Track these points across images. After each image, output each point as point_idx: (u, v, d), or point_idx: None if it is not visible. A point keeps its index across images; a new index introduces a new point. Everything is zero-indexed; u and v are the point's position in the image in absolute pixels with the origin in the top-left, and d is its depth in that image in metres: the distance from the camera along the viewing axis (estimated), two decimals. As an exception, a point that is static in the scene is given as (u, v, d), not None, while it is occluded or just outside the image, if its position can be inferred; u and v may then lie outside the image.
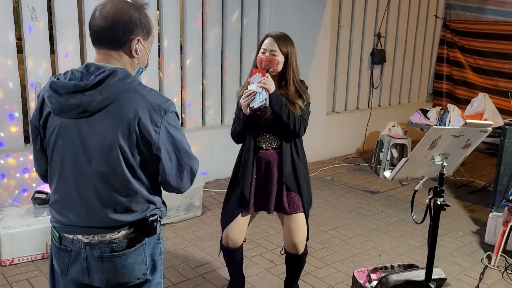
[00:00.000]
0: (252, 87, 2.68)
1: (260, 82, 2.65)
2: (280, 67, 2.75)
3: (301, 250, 2.92)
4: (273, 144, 2.83)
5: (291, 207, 2.85)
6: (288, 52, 2.75)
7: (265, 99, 2.66)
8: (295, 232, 2.88)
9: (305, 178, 2.90)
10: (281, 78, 2.79)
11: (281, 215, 2.94)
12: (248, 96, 2.67)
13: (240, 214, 2.89)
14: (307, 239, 2.99)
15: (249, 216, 2.95)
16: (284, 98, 2.74)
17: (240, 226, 2.92)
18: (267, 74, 2.68)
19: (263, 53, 2.74)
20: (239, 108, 2.82)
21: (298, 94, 2.81)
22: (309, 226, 2.97)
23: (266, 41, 2.76)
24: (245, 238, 3.02)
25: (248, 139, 2.82)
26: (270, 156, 2.83)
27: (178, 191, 1.82)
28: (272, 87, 2.68)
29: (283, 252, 3.09)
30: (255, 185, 2.86)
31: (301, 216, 2.88)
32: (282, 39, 2.76)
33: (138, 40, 1.75)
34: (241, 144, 2.93)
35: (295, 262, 3.04)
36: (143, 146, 1.70)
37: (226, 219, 2.93)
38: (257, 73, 2.68)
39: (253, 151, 2.82)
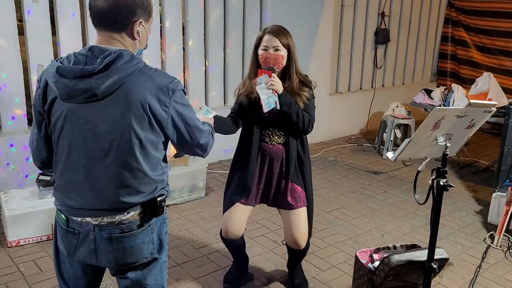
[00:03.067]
0: (260, 90, 2.63)
1: (268, 83, 2.61)
2: (284, 62, 2.71)
3: (302, 245, 2.91)
4: (278, 140, 2.82)
5: (295, 202, 2.85)
6: (289, 44, 2.71)
7: (275, 101, 2.62)
8: (296, 227, 2.86)
9: (309, 173, 2.92)
10: (284, 72, 2.75)
11: (283, 211, 2.92)
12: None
13: (240, 204, 2.88)
14: (310, 235, 2.98)
15: (250, 208, 2.94)
16: (289, 90, 2.71)
17: (241, 218, 2.91)
18: (273, 74, 2.64)
19: (265, 50, 2.69)
20: (247, 98, 2.79)
21: (302, 84, 2.78)
22: (313, 223, 3.00)
23: (265, 38, 2.70)
24: (245, 228, 3.03)
25: (254, 134, 2.80)
26: (275, 151, 2.82)
27: (201, 156, 1.97)
28: (280, 87, 2.64)
29: (284, 242, 3.07)
30: (258, 177, 2.86)
31: (303, 210, 2.88)
32: (281, 33, 2.70)
33: (140, 22, 1.75)
34: (242, 133, 2.91)
35: (296, 256, 3.07)
36: (155, 126, 1.72)
37: (226, 206, 2.93)
38: (263, 74, 2.62)
39: (258, 145, 2.82)
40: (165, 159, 1.87)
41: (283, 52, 2.69)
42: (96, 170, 1.73)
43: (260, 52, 2.71)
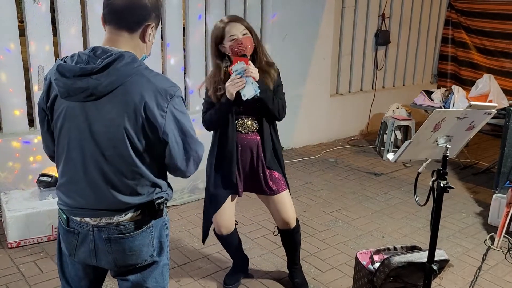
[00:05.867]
0: (236, 76, 2.59)
1: (246, 71, 2.58)
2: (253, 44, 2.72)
3: (293, 224, 2.98)
4: (252, 128, 2.81)
5: (276, 187, 2.88)
6: (250, 26, 2.73)
7: (255, 88, 2.60)
8: (285, 208, 2.93)
9: (282, 156, 2.95)
10: (251, 54, 2.74)
11: (265, 197, 2.95)
12: (238, 82, 2.58)
13: (227, 200, 2.90)
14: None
15: (235, 200, 2.97)
16: (260, 70, 2.70)
17: (229, 211, 2.94)
18: (250, 62, 2.63)
19: (234, 39, 2.65)
20: (215, 96, 2.74)
21: (267, 64, 2.79)
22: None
23: (228, 28, 2.67)
24: (236, 221, 3.05)
25: (229, 125, 2.76)
26: (250, 140, 2.82)
27: (184, 175, 1.85)
28: (257, 74, 2.64)
29: (276, 233, 3.12)
30: (237, 168, 2.85)
31: (286, 193, 2.93)
32: (241, 18, 2.76)
33: (152, 26, 1.76)
34: (213, 132, 2.90)
35: (290, 238, 3.07)
36: (149, 130, 1.71)
37: (213, 208, 2.90)
38: (239, 61, 2.59)
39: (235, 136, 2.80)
40: (164, 162, 1.86)
41: (249, 35, 2.69)
42: (93, 169, 1.74)
43: (228, 43, 2.66)
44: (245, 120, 2.80)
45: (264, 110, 2.74)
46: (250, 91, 2.60)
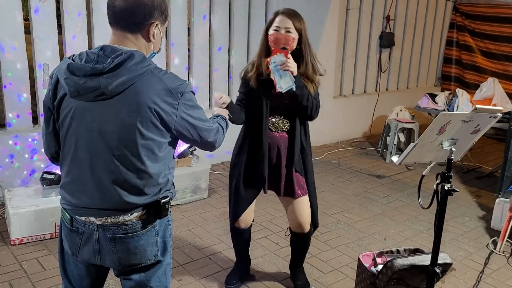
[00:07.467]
0: (275, 69, 2.57)
1: (283, 65, 2.56)
2: (295, 45, 2.68)
3: (307, 228, 2.97)
4: (283, 127, 2.82)
5: (298, 190, 2.88)
6: (301, 28, 2.69)
7: (292, 82, 2.57)
8: (301, 212, 2.92)
9: (310, 160, 2.93)
10: (295, 56, 2.70)
11: (285, 198, 2.95)
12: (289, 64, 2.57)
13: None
14: (317, 221, 3.03)
15: (257, 196, 2.97)
16: (303, 76, 2.69)
17: (251, 207, 2.96)
18: (289, 55, 2.59)
19: (277, 31, 2.65)
20: (247, 89, 2.79)
21: (314, 72, 2.76)
22: (317, 208, 3.02)
23: (278, 19, 2.67)
24: (253, 219, 3.06)
25: (263, 121, 2.76)
26: (279, 139, 2.82)
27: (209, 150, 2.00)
28: (295, 69, 2.61)
29: (287, 233, 3.13)
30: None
31: (306, 198, 2.92)
32: (295, 16, 2.69)
33: (156, 24, 1.76)
34: (244, 127, 2.91)
35: (301, 242, 3.07)
36: (162, 128, 1.72)
37: (243, 207, 2.91)
38: (278, 53, 2.57)
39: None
40: (171, 161, 1.87)
41: (294, 34, 2.66)
42: (101, 169, 1.74)
43: (271, 32, 2.68)
44: (277, 119, 2.81)
45: (298, 107, 2.70)
46: (286, 83, 2.58)
